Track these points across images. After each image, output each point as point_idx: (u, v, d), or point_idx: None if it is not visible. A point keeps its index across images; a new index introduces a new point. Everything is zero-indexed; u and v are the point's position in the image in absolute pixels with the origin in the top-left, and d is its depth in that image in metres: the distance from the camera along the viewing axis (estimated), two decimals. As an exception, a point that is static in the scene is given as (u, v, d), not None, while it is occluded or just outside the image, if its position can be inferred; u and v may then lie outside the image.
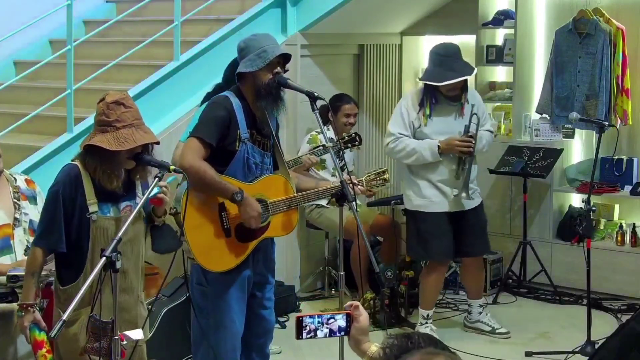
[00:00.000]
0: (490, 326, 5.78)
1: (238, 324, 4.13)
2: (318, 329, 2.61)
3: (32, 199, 4.33)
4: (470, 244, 5.62)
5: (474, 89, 5.78)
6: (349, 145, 5.54)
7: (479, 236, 5.64)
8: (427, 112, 5.43)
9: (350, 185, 4.14)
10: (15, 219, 4.27)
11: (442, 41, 5.73)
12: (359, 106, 6.82)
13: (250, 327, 4.19)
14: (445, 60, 5.40)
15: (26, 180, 4.44)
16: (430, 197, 5.49)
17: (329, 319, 2.62)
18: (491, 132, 5.66)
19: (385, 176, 4.58)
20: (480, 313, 5.83)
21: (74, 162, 3.59)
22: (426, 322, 5.65)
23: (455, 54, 5.46)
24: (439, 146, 5.38)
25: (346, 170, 4.18)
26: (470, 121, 5.41)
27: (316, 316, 2.62)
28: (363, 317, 2.61)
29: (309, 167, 5.82)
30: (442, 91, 5.39)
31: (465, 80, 5.43)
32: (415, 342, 2.27)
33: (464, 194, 5.41)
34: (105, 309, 3.35)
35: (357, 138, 5.50)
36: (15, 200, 4.31)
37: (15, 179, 4.40)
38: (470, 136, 5.37)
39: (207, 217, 4.02)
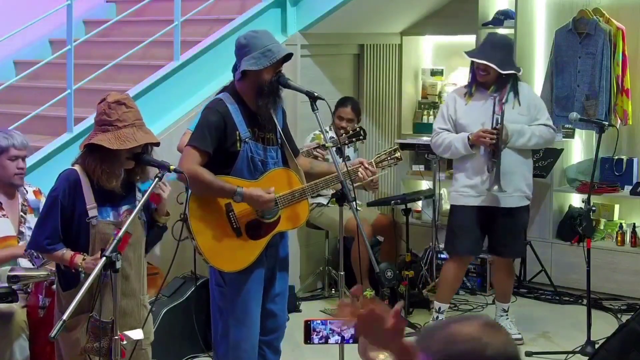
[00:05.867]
0: None
1: (256, 321, 4.16)
2: (330, 336, 2.57)
3: (37, 210, 4.33)
4: (502, 244, 5.51)
5: (525, 83, 5.69)
6: (354, 139, 5.37)
7: (515, 238, 5.55)
8: (472, 90, 5.42)
9: (361, 167, 4.18)
10: (20, 232, 4.28)
11: (442, 41, 5.71)
12: (359, 113, 6.60)
13: (261, 323, 4.21)
14: (487, 43, 5.44)
15: (35, 191, 4.45)
16: (461, 190, 5.44)
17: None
18: (547, 125, 5.42)
19: (397, 154, 4.45)
20: (501, 317, 5.68)
21: (73, 167, 3.57)
22: (437, 316, 5.59)
23: (497, 43, 5.41)
24: (469, 138, 5.33)
25: (357, 153, 4.11)
26: (493, 112, 5.27)
27: (328, 322, 2.58)
28: None
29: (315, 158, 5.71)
30: (475, 70, 5.38)
31: (501, 75, 5.30)
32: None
33: (495, 187, 5.26)
34: (107, 313, 3.34)
35: (361, 132, 5.33)
36: (22, 214, 4.32)
37: (26, 190, 4.40)
38: (495, 128, 5.26)
39: (215, 220, 4.04)
